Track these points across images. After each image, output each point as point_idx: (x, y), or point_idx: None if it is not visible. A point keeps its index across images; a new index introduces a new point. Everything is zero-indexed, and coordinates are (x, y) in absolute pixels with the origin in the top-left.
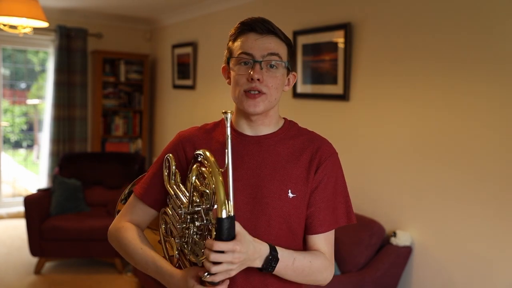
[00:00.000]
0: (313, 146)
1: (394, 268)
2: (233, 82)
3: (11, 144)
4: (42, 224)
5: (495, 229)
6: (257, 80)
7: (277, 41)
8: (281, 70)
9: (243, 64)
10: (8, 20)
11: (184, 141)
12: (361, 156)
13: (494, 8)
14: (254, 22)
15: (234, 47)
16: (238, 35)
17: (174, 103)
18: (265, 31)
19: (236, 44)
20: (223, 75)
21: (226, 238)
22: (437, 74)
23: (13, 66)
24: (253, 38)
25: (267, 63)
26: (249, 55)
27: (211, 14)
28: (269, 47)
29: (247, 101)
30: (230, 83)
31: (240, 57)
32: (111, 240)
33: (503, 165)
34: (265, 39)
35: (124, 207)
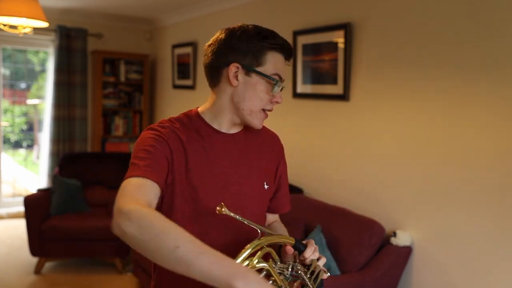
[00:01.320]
0: (273, 140)
1: (394, 268)
2: (254, 96)
3: (11, 144)
4: (42, 224)
5: (495, 229)
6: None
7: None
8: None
9: (272, 84)
10: (8, 20)
11: (169, 133)
12: (361, 156)
13: (495, 9)
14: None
15: (267, 62)
16: (272, 51)
17: (174, 103)
18: (290, 57)
19: (271, 59)
20: (228, 74)
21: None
22: (437, 74)
23: (13, 66)
24: (284, 61)
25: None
26: (280, 78)
27: (211, 14)
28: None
29: (260, 118)
30: (235, 84)
31: (274, 77)
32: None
33: (504, 166)
34: (287, 67)
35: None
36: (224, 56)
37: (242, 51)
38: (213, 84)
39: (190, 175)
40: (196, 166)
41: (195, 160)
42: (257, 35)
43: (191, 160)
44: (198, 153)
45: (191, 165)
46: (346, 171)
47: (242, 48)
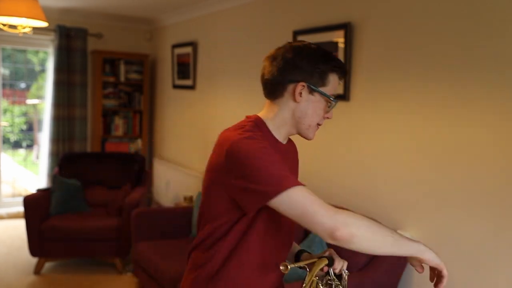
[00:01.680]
0: (295, 149)
1: (394, 268)
2: (314, 112)
3: (11, 144)
4: (42, 224)
5: (495, 229)
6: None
7: None
8: None
9: (330, 103)
10: (8, 20)
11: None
12: (361, 156)
13: (496, 9)
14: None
15: (330, 83)
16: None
17: (174, 103)
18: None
19: (332, 81)
20: (294, 90)
21: None
22: (437, 74)
23: (12, 66)
24: (337, 81)
25: None
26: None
27: (211, 14)
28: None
29: (315, 131)
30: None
31: (332, 97)
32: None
33: (504, 166)
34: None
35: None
36: (291, 74)
37: (309, 71)
38: (273, 97)
39: None
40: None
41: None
42: (323, 57)
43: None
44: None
45: None
46: (346, 171)
47: (309, 68)
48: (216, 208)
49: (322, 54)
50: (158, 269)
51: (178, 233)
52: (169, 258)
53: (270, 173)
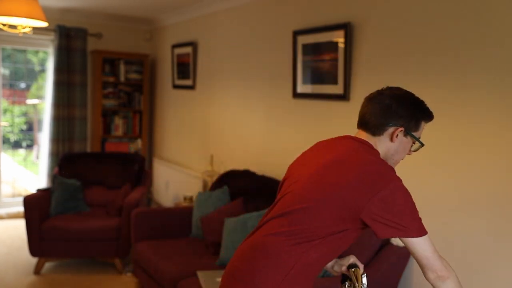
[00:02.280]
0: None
1: (394, 268)
2: (403, 151)
3: (11, 144)
4: (42, 224)
5: (494, 230)
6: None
7: None
8: None
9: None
10: (8, 20)
11: None
12: None
13: (496, 9)
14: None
15: (420, 129)
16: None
17: (174, 103)
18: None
19: (421, 126)
20: (393, 133)
21: None
22: (437, 74)
23: (12, 66)
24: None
25: None
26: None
27: (211, 14)
28: None
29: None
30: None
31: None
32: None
33: (504, 166)
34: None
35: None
36: (393, 119)
37: (408, 117)
38: (374, 133)
39: None
40: None
41: None
42: (419, 107)
43: None
44: None
45: None
46: None
47: (408, 116)
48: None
49: (419, 104)
50: (158, 269)
51: (178, 233)
52: (169, 258)
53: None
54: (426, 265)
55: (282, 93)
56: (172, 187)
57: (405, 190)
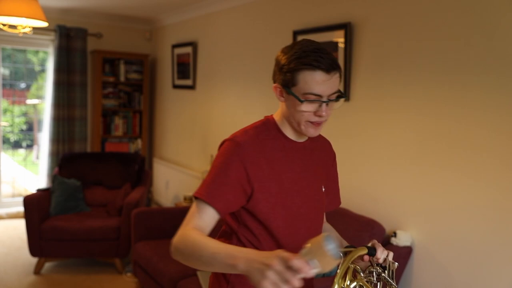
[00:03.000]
0: (327, 145)
1: None
2: (297, 112)
3: (11, 144)
4: (41, 224)
5: (496, 229)
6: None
7: (338, 76)
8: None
9: (309, 101)
10: (8, 20)
11: (248, 148)
12: (362, 156)
13: (497, 9)
14: (321, 60)
15: (300, 82)
16: (303, 70)
17: (174, 103)
18: (331, 70)
19: (301, 79)
20: (274, 92)
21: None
22: (437, 74)
23: (12, 66)
24: (322, 79)
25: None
26: (317, 95)
27: (211, 14)
28: (334, 86)
29: (310, 128)
30: (281, 101)
31: (307, 97)
32: (175, 251)
33: (504, 166)
34: (332, 79)
35: (187, 217)
36: (274, 75)
37: (283, 71)
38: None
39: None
40: (290, 172)
41: (275, 168)
42: (293, 55)
43: (272, 169)
44: (277, 161)
45: (272, 174)
46: (346, 171)
47: (283, 69)
48: None
49: (294, 52)
50: (157, 269)
51: None
52: (169, 258)
53: (208, 174)
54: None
55: None
56: (172, 187)
57: (225, 153)
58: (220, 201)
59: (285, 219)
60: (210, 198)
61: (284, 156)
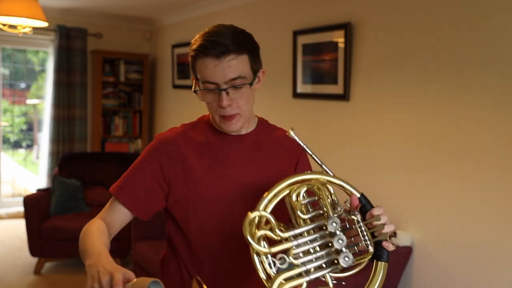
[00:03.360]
0: (290, 141)
1: (394, 268)
2: (207, 105)
3: (11, 144)
4: (41, 224)
5: (495, 229)
6: (228, 106)
7: (236, 60)
8: (246, 86)
9: (208, 90)
10: (8, 20)
11: (167, 144)
12: (361, 156)
13: (496, 9)
14: (209, 46)
15: (197, 72)
16: (196, 59)
17: (174, 103)
18: (222, 54)
19: (197, 68)
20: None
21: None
22: (437, 74)
23: (12, 66)
24: (212, 64)
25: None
26: (213, 83)
27: (211, 14)
28: (228, 72)
29: (224, 123)
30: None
31: (205, 86)
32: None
33: (505, 166)
34: (224, 64)
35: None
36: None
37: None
38: None
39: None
40: (200, 168)
41: (198, 163)
42: (192, 44)
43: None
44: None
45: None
46: (346, 171)
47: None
48: None
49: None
50: (158, 269)
51: None
52: None
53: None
54: None
55: (282, 93)
56: None
57: (146, 149)
58: (129, 196)
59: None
60: (119, 194)
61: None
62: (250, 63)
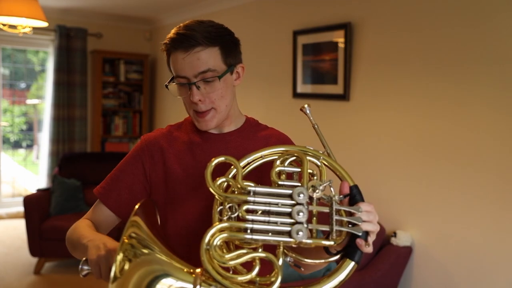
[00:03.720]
0: (277, 140)
1: (394, 268)
2: (183, 101)
3: (11, 144)
4: (41, 224)
5: (495, 229)
6: (199, 101)
7: (205, 53)
8: (218, 81)
9: (180, 85)
10: (8, 20)
11: (150, 144)
12: (361, 156)
13: (497, 9)
14: (174, 42)
15: (171, 67)
16: (169, 53)
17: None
18: (190, 46)
19: (170, 62)
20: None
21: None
22: (437, 74)
23: (12, 66)
24: (180, 57)
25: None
26: (183, 77)
27: (211, 14)
28: (197, 65)
29: (198, 120)
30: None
31: (177, 80)
32: (66, 240)
33: (504, 166)
34: (192, 56)
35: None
36: None
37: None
38: None
39: (170, 178)
40: (178, 168)
41: (178, 162)
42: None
43: (174, 164)
44: (184, 155)
45: (172, 169)
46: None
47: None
48: None
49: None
50: None
51: None
52: None
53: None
54: None
55: (282, 92)
56: None
57: (131, 150)
58: (111, 197)
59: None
60: (102, 195)
61: (189, 150)
62: (222, 56)
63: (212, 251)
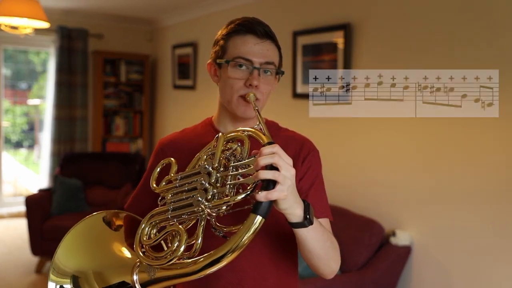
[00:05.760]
0: (297, 143)
1: (394, 267)
2: (227, 85)
3: (12, 144)
4: (43, 223)
5: (495, 229)
6: (255, 87)
7: (274, 48)
8: (273, 77)
9: (239, 67)
10: (9, 20)
11: (165, 148)
12: (361, 156)
13: (497, 9)
14: (253, 24)
15: (229, 48)
16: (233, 35)
17: (174, 103)
18: (264, 36)
19: (231, 44)
20: (208, 73)
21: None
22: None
23: (14, 67)
24: (252, 42)
25: (264, 70)
26: (247, 60)
27: (211, 15)
28: (267, 54)
29: (241, 106)
30: (217, 81)
31: (237, 61)
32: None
33: (505, 166)
34: (264, 45)
35: None
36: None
37: (215, 48)
38: None
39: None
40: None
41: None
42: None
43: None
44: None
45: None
46: (346, 171)
47: (215, 45)
48: None
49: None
50: None
51: None
52: None
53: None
54: None
55: (282, 93)
56: None
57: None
58: (137, 211)
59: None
60: (129, 209)
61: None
62: (280, 60)
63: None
